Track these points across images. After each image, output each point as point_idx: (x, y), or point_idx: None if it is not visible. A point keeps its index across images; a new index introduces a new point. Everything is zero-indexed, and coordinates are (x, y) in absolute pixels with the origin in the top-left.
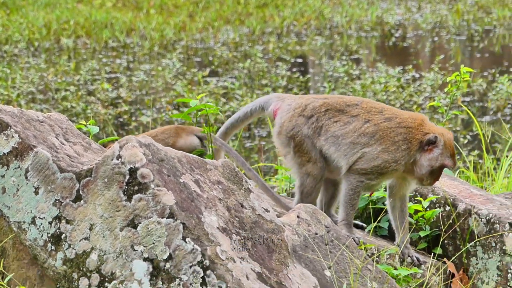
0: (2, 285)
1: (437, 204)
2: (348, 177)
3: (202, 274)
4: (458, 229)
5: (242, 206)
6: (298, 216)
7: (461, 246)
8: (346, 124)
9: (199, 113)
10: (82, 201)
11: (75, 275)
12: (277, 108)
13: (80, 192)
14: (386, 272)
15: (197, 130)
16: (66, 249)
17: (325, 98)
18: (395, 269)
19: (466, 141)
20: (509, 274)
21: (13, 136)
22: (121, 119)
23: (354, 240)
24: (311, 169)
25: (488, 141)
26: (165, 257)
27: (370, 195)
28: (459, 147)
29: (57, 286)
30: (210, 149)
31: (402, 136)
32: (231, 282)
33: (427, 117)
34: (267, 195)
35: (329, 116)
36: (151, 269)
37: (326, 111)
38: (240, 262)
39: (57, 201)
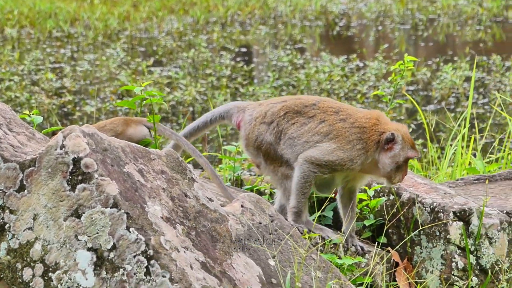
0: None
1: (381, 193)
2: (302, 165)
3: (146, 264)
4: (402, 218)
5: (186, 195)
6: (242, 206)
7: (405, 235)
8: (302, 125)
9: (143, 102)
10: (25, 191)
11: (18, 265)
12: (239, 120)
13: (24, 182)
14: (330, 261)
15: (145, 120)
16: (10, 239)
17: (284, 101)
18: (340, 258)
19: (410, 130)
20: (453, 263)
21: None
22: (65, 109)
23: (298, 230)
24: (286, 171)
25: (432, 130)
26: (109, 247)
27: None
28: None
29: (1, 276)
30: (155, 138)
31: (356, 136)
32: (175, 271)
33: (383, 113)
34: (215, 183)
35: (288, 119)
36: (95, 259)
37: (284, 114)
38: (184, 251)
39: (0, 191)
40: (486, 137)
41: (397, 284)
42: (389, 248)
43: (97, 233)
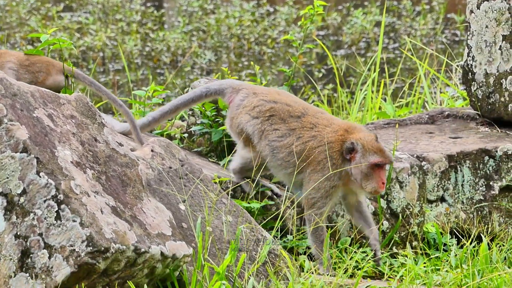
0: None
1: None
2: (309, 216)
3: (57, 208)
4: None
5: (96, 140)
6: (152, 150)
7: None
8: (283, 137)
9: (51, 47)
10: None
11: None
12: (231, 100)
13: None
14: (241, 206)
15: (67, 68)
16: None
17: (275, 102)
18: (248, 202)
19: (320, 75)
20: None
21: None
22: None
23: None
24: (255, 155)
25: (342, 75)
26: (19, 191)
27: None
28: (313, 81)
29: None
30: (71, 84)
31: (323, 154)
32: (85, 216)
33: (358, 124)
34: (131, 127)
35: (272, 122)
36: (5, 204)
37: (270, 116)
38: (95, 196)
39: None
40: (396, 82)
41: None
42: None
43: (7, 178)
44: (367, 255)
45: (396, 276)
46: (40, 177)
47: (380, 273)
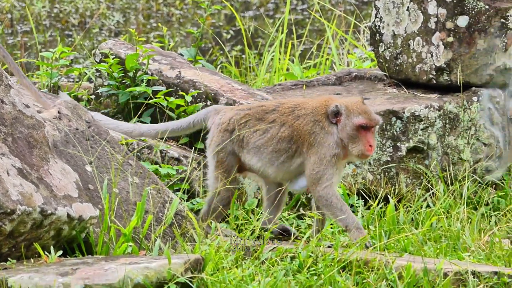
0: None
1: (199, 99)
2: (320, 193)
3: None
4: None
5: (2, 102)
6: (59, 112)
7: None
8: (265, 133)
9: None
10: None
11: None
12: (212, 122)
13: None
14: (148, 167)
15: None
16: None
17: (249, 108)
18: (157, 164)
19: (229, 36)
20: None
21: None
22: None
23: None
24: (222, 191)
25: (250, 36)
26: None
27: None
28: (222, 43)
29: None
30: None
31: (311, 122)
32: None
33: (337, 96)
34: (28, 91)
35: (249, 126)
36: None
37: (246, 122)
38: (1, 158)
39: None
40: (305, 43)
41: None
42: (206, 154)
43: None
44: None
45: (303, 237)
46: None
47: (287, 234)
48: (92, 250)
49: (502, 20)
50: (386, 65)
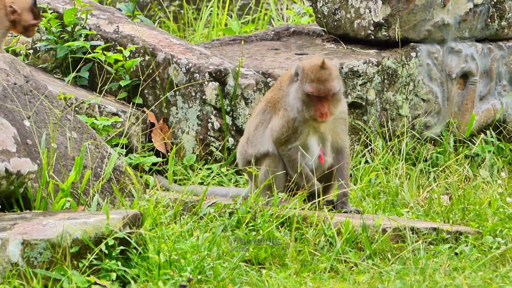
0: None
1: (137, 54)
2: (281, 151)
3: None
4: (157, 79)
5: None
6: None
7: (160, 96)
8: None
9: None
10: None
11: None
12: None
13: None
14: (86, 122)
15: None
16: None
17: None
18: (95, 118)
19: None
20: (209, 124)
21: None
22: None
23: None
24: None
25: None
26: None
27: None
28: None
29: None
30: None
31: (275, 89)
32: None
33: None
34: None
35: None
36: None
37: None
38: None
39: None
40: None
41: (152, 145)
42: (145, 109)
43: None
44: (212, 172)
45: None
46: None
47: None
48: (31, 205)
49: None
50: (324, 20)
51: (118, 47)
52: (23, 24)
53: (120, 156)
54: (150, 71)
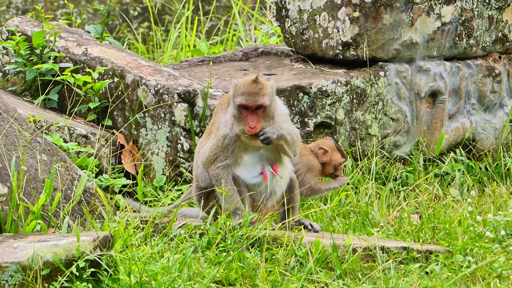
0: None
1: (106, 76)
2: (210, 171)
3: None
4: (127, 100)
5: None
6: None
7: (130, 117)
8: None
9: None
10: None
11: None
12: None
13: None
14: (56, 144)
15: None
16: None
17: None
18: (65, 141)
19: (136, 13)
20: (179, 145)
21: None
22: None
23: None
24: None
25: (157, 12)
26: None
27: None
28: (128, 20)
29: None
30: None
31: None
32: None
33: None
34: None
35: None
36: None
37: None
38: None
39: None
40: (212, 20)
41: (122, 166)
42: (114, 131)
43: None
44: (182, 193)
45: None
46: None
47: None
48: (1, 228)
49: None
50: (293, 40)
51: (87, 69)
52: (333, 163)
53: (90, 178)
54: (119, 93)
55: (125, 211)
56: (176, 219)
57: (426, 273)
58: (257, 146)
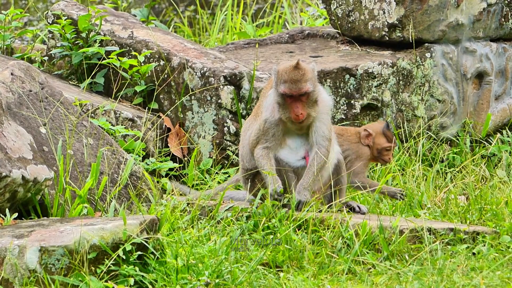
0: None
1: (152, 59)
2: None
3: None
4: (173, 83)
5: None
6: (12, 74)
7: (176, 101)
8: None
9: None
10: None
11: None
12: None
13: None
14: (102, 128)
15: None
16: None
17: None
18: (112, 124)
19: None
20: (225, 128)
21: None
22: None
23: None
24: None
25: None
26: None
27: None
28: (174, 3)
29: None
30: None
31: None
32: None
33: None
34: None
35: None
36: None
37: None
38: None
39: None
40: (258, 2)
41: (169, 150)
42: (160, 114)
43: None
44: (229, 176)
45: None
46: None
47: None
48: (48, 212)
49: None
50: (339, 22)
51: (133, 53)
52: (376, 147)
53: (136, 161)
54: (165, 76)
55: (172, 195)
56: (223, 202)
57: (473, 254)
58: (298, 130)
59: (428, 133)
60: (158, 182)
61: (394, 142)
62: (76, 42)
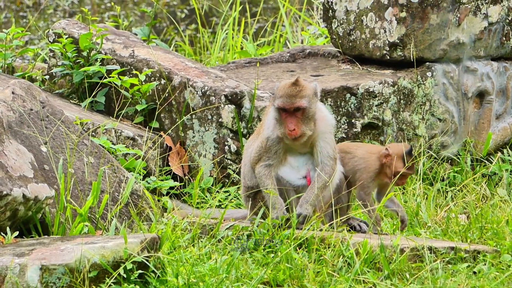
0: None
1: (153, 78)
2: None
3: None
4: (174, 102)
5: None
6: (13, 92)
7: (177, 119)
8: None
9: None
10: None
11: None
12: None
13: None
14: (103, 147)
15: None
16: None
17: None
18: (113, 143)
19: (183, 15)
20: (226, 147)
21: None
22: None
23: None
24: None
25: (204, 15)
26: None
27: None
28: (176, 22)
29: None
30: None
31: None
32: None
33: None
34: None
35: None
36: None
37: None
38: None
39: None
40: (259, 21)
41: (170, 168)
42: (162, 133)
43: None
44: (229, 195)
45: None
46: None
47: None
48: (49, 230)
49: None
50: (340, 41)
51: (134, 71)
52: (391, 169)
53: (137, 180)
54: (166, 94)
55: (173, 213)
56: (224, 220)
57: (474, 273)
58: (300, 149)
59: (429, 152)
60: (159, 200)
61: (413, 169)
62: (77, 60)
